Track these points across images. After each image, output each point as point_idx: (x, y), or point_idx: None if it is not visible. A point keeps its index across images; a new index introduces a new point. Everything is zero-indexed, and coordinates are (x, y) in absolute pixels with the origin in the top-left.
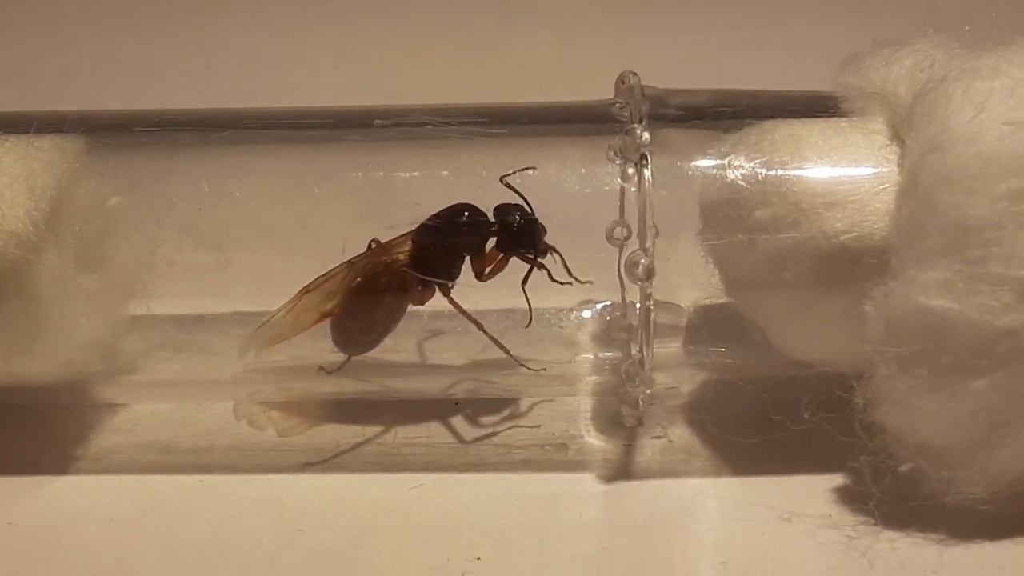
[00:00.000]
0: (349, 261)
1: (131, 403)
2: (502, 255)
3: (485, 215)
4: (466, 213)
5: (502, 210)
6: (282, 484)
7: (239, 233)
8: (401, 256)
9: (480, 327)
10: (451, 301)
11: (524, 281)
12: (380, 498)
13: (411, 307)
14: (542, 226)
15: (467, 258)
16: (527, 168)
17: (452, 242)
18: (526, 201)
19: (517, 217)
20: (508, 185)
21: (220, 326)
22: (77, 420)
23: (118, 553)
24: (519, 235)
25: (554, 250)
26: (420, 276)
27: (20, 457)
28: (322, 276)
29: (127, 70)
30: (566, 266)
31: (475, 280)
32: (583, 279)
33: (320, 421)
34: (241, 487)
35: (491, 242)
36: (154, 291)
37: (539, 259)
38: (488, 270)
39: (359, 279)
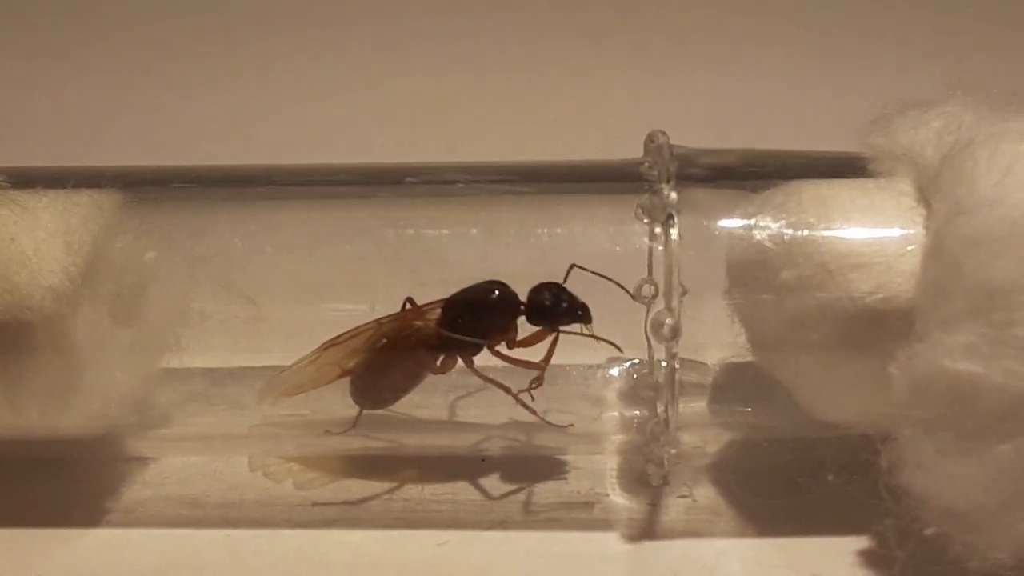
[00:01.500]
0: (377, 320)
1: (161, 456)
2: (537, 331)
3: (515, 294)
4: (497, 291)
5: (534, 290)
6: (309, 539)
7: (272, 288)
8: (431, 322)
9: (507, 391)
10: (475, 371)
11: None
12: (406, 555)
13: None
14: (578, 303)
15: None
16: (610, 279)
17: (481, 317)
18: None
19: (547, 295)
20: (580, 267)
21: (252, 380)
22: (108, 473)
23: None
24: (553, 310)
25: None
26: (452, 335)
27: (51, 510)
28: (348, 332)
29: (163, 127)
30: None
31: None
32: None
33: (340, 476)
34: (269, 542)
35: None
36: (187, 345)
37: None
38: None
39: (385, 339)
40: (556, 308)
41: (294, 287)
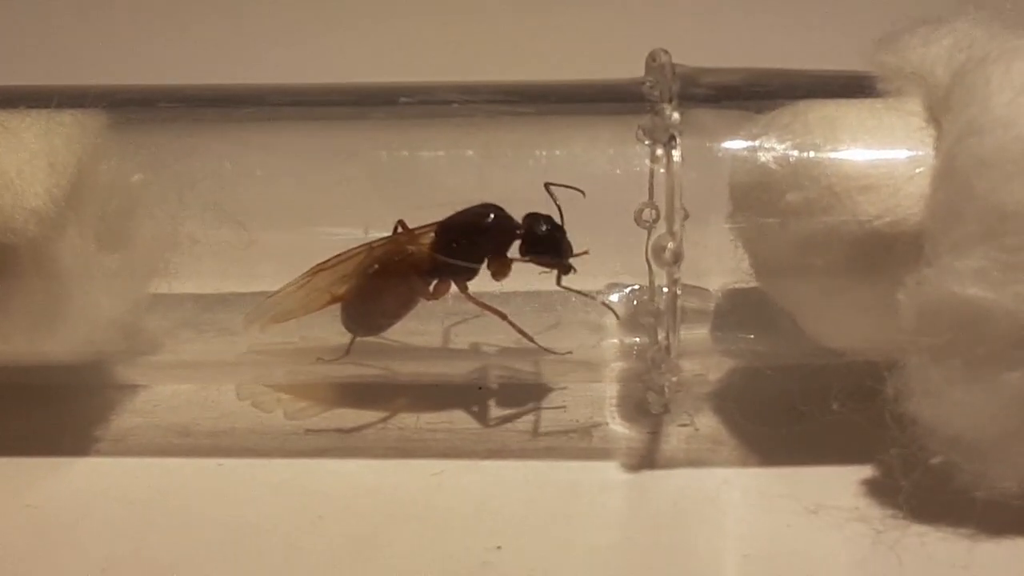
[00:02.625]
0: (368, 244)
1: (151, 384)
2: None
3: (512, 218)
4: (493, 215)
5: (531, 217)
6: (302, 469)
7: (263, 212)
8: (424, 246)
9: (503, 317)
10: (469, 297)
11: (557, 281)
12: (400, 484)
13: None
14: (567, 241)
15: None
16: (576, 188)
17: (475, 241)
18: (561, 214)
19: (544, 226)
20: (549, 190)
21: (242, 306)
22: (97, 401)
23: (136, 536)
24: (544, 243)
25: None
26: (445, 260)
27: (39, 438)
28: (338, 256)
29: (150, 45)
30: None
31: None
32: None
33: (332, 405)
34: (260, 471)
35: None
36: (176, 270)
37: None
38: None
39: (376, 265)
40: (553, 236)
41: (286, 210)
